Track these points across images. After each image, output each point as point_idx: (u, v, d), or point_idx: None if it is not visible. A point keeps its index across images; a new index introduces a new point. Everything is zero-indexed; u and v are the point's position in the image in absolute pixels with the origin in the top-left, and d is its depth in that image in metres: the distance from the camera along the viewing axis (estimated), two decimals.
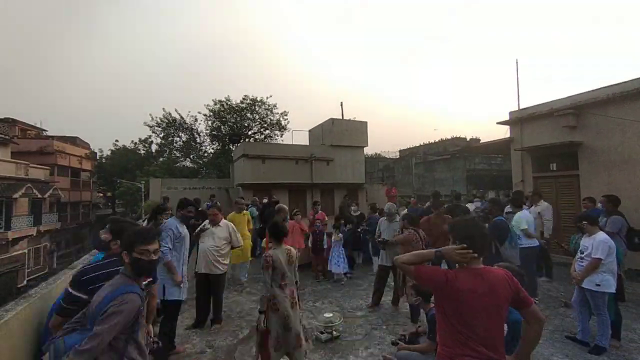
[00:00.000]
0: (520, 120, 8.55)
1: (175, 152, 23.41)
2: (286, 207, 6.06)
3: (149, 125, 22.03)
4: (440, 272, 1.64)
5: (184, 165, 23.00)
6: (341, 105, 16.94)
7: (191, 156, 23.14)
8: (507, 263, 2.51)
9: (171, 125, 22.51)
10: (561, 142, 7.46)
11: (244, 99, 22.32)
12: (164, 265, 3.32)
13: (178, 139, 23.17)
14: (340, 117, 14.32)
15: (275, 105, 22.85)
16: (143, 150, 25.01)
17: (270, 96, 22.64)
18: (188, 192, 13.95)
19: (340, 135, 13.01)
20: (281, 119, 23.13)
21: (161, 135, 22.84)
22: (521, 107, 8.81)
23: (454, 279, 1.58)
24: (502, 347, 1.59)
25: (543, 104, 8.11)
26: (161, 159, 23.30)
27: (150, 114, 22.85)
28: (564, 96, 7.71)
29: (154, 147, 24.54)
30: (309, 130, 15.01)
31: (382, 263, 4.93)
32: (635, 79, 6.60)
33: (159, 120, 22.02)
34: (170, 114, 22.23)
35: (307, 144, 14.58)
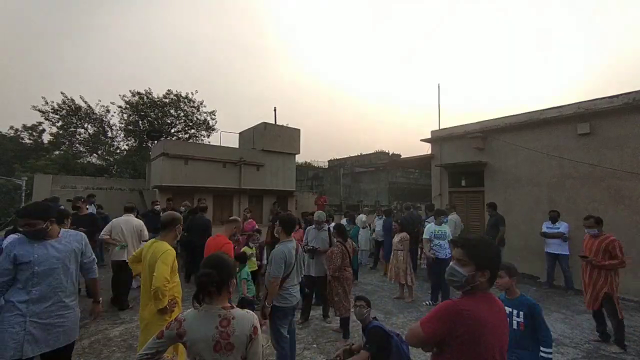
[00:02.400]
0: (440, 138, 9.42)
1: (77, 145, 19.90)
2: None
3: (40, 111, 18.32)
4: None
5: (88, 161, 19.66)
6: (274, 110, 16.66)
7: (99, 152, 19.96)
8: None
9: (74, 114, 19.12)
10: (472, 161, 8.40)
11: (167, 93, 20.32)
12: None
13: (82, 130, 19.80)
14: (273, 122, 13.99)
15: (202, 103, 21.36)
16: (29, 139, 20.52)
17: (196, 92, 21.05)
18: (91, 193, 11.88)
19: (273, 140, 12.67)
20: (209, 118, 21.70)
21: (58, 124, 19.20)
22: (441, 127, 9.74)
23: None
24: None
25: (459, 125, 9.07)
26: (57, 152, 19.48)
27: (44, 97, 19.04)
28: (475, 121, 8.75)
29: (46, 137, 20.40)
30: (240, 133, 14.31)
31: (309, 273, 4.65)
32: (523, 113, 7.80)
33: (56, 106, 18.51)
34: (73, 100, 18.90)
35: (237, 147, 13.86)
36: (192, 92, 20.95)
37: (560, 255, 6.39)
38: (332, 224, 5.52)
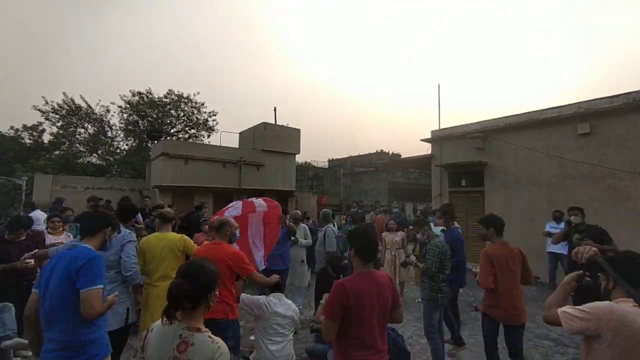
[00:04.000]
0: (440, 138, 9.42)
1: (77, 145, 19.89)
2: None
3: (40, 110, 18.30)
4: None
5: (88, 161, 19.64)
6: (274, 110, 16.67)
7: (99, 152, 19.95)
8: None
9: (74, 114, 19.11)
10: (471, 161, 8.40)
11: (168, 93, 20.31)
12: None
13: (83, 130, 19.80)
14: (274, 122, 14.01)
15: (203, 104, 21.36)
16: (29, 139, 20.48)
17: (198, 93, 21.06)
18: (91, 193, 11.89)
19: (273, 140, 12.68)
20: (209, 119, 21.70)
21: (59, 124, 19.18)
22: (441, 127, 9.74)
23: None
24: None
25: (459, 125, 9.07)
26: (57, 152, 19.45)
27: (44, 97, 18.99)
28: (475, 121, 8.75)
29: (46, 137, 20.36)
30: (240, 133, 14.31)
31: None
32: (523, 113, 7.80)
33: (56, 106, 18.50)
34: (73, 100, 18.89)
35: (237, 147, 13.87)
36: (194, 94, 20.97)
37: (562, 255, 6.39)
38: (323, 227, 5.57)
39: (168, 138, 18.91)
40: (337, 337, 1.84)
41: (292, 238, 4.96)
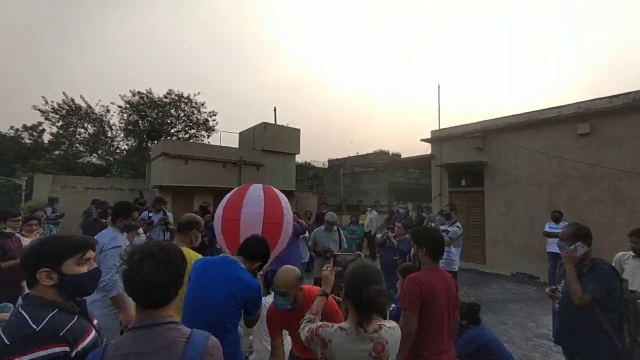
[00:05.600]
0: (440, 138, 9.42)
1: (77, 145, 19.89)
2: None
3: (40, 110, 18.29)
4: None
5: (88, 161, 19.64)
6: (274, 110, 16.69)
7: (99, 152, 19.94)
8: None
9: (74, 114, 19.11)
10: (472, 161, 8.40)
11: (168, 93, 20.30)
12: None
13: (82, 130, 19.79)
14: (274, 122, 14.01)
15: (203, 104, 21.35)
16: (29, 139, 20.48)
17: (199, 93, 21.05)
18: (91, 193, 11.88)
19: (273, 140, 12.69)
20: (209, 119, 21.69)
21: (59, 124, 19.18)
22: (441, 127, 9.73)
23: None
24: None
25: (459, 125, 9.06)
26: (57, 152, 19.45)
27: (44, 97, 18.97)
28: (475, 121, 8.74)
29: (46, 137, 20.36)
30: (240, 133, 14.33)
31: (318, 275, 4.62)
32: (523, 113, 7.80)
33: (56, 106, 18.49)
34: (73, 100, 18.88)
35: (237, 146, 13.87)
36: (194, 94, 20.95)
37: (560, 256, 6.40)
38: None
39: (168, 138, 18.91)
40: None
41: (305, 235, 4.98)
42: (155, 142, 16.78)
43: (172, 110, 20.52)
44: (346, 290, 1.45)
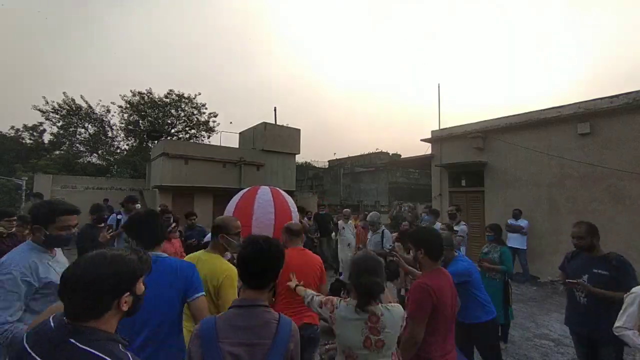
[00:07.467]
0: (440, 138, 9.41)
1: (78, 145, 19.91)
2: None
3: (41, 110, 18.31)
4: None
5: (88, 161, 19.66)
6: (275, 110, 16.70)
7: (99, 152, 19.96)
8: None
9: (74, 114, 19.12)
10: (472, 161, 8.39)
11: (168, 93, 20.31)
12: None
13: (83, 130, 19.81)
14: (274, 122, 14.02)
15: (204, 105, 21.36)
16: (30, 139, 20.50)
17: (199, 94, 21.04)
18: (91, 193, 11.91)
19: (273, 140, 12.69)
20: (210, 120, 21.69)
21: (59, 124, 19.20)
22: (441, 127, 9.73)
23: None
24: None
25: (459, 125, 9.06)
26: (57, 152, 19.47)
27: (44, 97, 18.99)
28: (475, 121, 8.74)
29: (46, 137, 20.37)
30: (240, 133, 14.34)
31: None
32: (523, 113, 7.79)
33: (56, 106, 18.50)
34: (73, 100, 18.90)
35: (237, 147, 13.88)
36: (195, 94, 20.94)
37: (519, 250, 6.88)
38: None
39: (168, 138, 18.92)
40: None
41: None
42: (156, 142, 16.80)
43: (173, 111, 20.55)
44: (349, 275, 1.73)
